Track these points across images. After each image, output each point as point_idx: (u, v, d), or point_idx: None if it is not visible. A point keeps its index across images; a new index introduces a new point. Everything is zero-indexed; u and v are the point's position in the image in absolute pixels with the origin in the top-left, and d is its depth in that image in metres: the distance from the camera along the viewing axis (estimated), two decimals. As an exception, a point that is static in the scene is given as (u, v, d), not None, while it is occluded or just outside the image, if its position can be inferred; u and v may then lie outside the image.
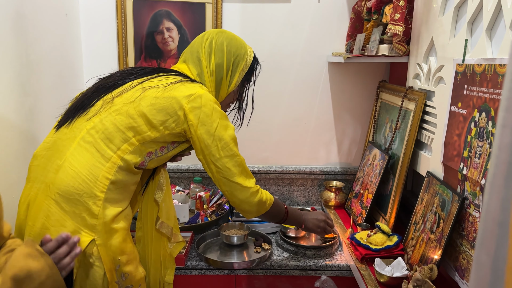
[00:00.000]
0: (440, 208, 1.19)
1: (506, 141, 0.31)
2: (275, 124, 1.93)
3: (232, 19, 1.80)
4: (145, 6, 1.77)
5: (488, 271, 0.34)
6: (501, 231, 0.32)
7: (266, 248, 1.52)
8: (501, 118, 0.32)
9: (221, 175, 1.16)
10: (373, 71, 1.88)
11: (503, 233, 0.32)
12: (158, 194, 1.27)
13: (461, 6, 1.22)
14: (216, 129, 1.12)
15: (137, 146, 1.09)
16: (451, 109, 1.20)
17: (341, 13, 1.82)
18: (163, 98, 1.09)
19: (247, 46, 1.29)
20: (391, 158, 1.54)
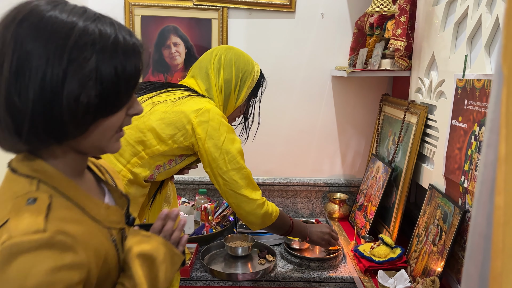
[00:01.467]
0: (442, 221, 1.20)
1: (490, 159, 0.33)
2: (279, 137, 1.95)
3: (238, 34, 1.84)
4: (153, 22, 1.82)
5: (476, 282, 0.36)
6: (487, 244, 0.34)
7: (270, 260, 1.53)
8: (486, 138, 0.35)
9: (228, 188, 1.19)
10: (376, 84, 1.90)
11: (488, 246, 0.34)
12: (165, 206, 1.30)
13: (460, 22, 1.25)
14: (224, 142, 1.15)
15: (146, 160, 1.12)
16: (452, 123, 1.22)
17: (344, 28, 1.86)
18: (172, 113, 1.13)
19: (254, 62, 1.33)
20: (394, 170, 1.55)
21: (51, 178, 0.64)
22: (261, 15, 1.83)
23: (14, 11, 0.59)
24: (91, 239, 0.64)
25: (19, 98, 0.57)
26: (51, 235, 0.57)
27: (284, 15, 1.84)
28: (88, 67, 0.58)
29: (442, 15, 1.33)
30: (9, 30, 0.57)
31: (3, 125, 0.59)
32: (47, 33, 0.57)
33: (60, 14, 0.58)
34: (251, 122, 1.41)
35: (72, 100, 0.58)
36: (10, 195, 0.61)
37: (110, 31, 0.61)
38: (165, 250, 0.75)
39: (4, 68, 0.56)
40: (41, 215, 0.58)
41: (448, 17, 1.33)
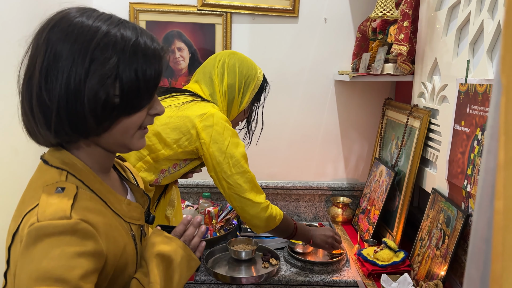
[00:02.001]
0: (445, 225, 1.20)
1: (491, 165, 0.34)
2: (283, 141, 1.96)
3: (241, 39, 1.86)
4: (157, 27, 1.84)
5: (477, 285, 0.37)
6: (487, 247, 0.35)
7: (274, 264, 1.53)
8: (486, 144, 0.36)
9: (232, 191, 1.20)
10: (379, 89, 1.91)
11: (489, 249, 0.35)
12: (169, 210, 1.31)
13: (463, 27, 1.26)
14: (228, 146, 1.16)
15: (151, 164, 1.13)
16: (455, 127, 1.22)
17: (347, 32, 1.87)
18: (177, 117, 1.14)
19: (257, 67, 1.34)
20: (397, 174, 1.56)
21: (79, 172, 0.69)
22: (265, 20, 1.85)
23: (49, 19, 0.66)
24: (111, 230, 0.68)
25: (48, 95, 0.63)
26: (75, 222, 0.61)
27: (287, 20, 1.85)
28: (108, 66, 0.63)
29: (444, 20, 1.34)
30: (42, 35, 0.64)
31: (36, 120, 0.65)
32: (73, 36, 0.63)
33: (87, 19, 0.65)
34: (255, 126, 1.42)
35: (91, 96, 0.63)
36: (40, 183, 0.66)
37: (131, 35, 0.66)
38: (183, 254, 0.79)
39: (36, 68, 0.63)
40: (68, 203, 0.63)
41: (450, 22, 1.34)
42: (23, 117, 0.68)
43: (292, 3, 1.82)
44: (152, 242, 0.77)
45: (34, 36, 0.66)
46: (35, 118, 0.65)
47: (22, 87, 0.66)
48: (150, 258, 0.75)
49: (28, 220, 0.62)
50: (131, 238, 0.74)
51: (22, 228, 0.62)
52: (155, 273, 0.73)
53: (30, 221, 0.61)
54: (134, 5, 1.81)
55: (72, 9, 0.67)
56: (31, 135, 0.69)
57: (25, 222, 0.62)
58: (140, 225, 0.78)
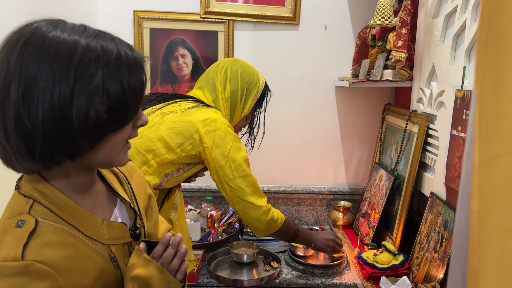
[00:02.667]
0: (443, 228, 1.23)
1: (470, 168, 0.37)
2: (284, 145, 1.99)
3: (243, 46, 1.90)
4: (161, 34, 1.88)
5: (460, 279, 0.40)
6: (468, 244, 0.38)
7: (275, 267, 1.56)
8: (466, 148, 0.39)
9: (234, 195, 1.23)
10: (379, 94, 1.94)
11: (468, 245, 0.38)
12: (173, 213, 1.34)
13: (459, 35, 1.29)
14: (230, 151, 1.20)
15: (155, 168, 1.16)
16: (452, 132, 1.25)
17: (347, 39, 1.90)
18: (181, 122, 1.18)
19: (259, 74, 1.38)
20: (396, 179, 1.58)
21: (48, 198, 0.65)
22: (266, 28, 1.89)
23: (16, 34, 0.61)
24: (78, 262, 0.66)
25: (28, 119, 0.58)
26: (27, 264, 0.59)
27: (288, 27, 1.89)
28: (94, 83, 0.59)
29: (441, 27, 1.37)
30: (13, 53, 0.59)
31: (14, 148, 0.60)
32: (51, 54, 0.58)
33: (61, 33, 0.60)
34: (256, 131, 1.45)
35: (82, 116, 0.59)
36: (8, 214, 0.65)
37: (112, 46, 0.62)
38: (160, 277, 0.75)
39: (11, 91, 0.57)
40: (21, 242, 0.61)
41: (447, 30, 1.37)
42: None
43: (293, 11, 1.86)
44: (130, 264, 0.74)
45: (1, 56, 0.60)
46: (13, 146, 0.59)
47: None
48: (126, 281, 0.73)
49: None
50: (110, 262, 0.71)
51: None
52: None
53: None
54: (138, 13, 1.85)
55: (41, 23, 0.61)
56: (7, 163, 0.63)
57: None
58: (125, 243, 0.75)
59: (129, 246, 0.77)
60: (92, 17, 1.83)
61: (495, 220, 0.33)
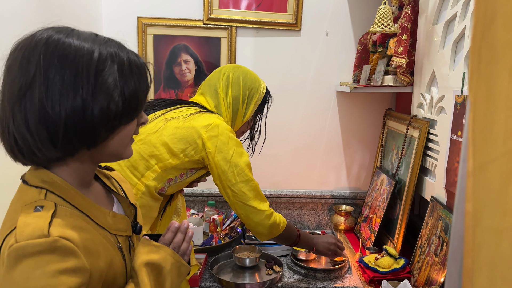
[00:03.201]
0: (443, 232, 1.24)
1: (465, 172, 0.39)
2: (286, 150, 2.01)
3: (245, 52, 1.92)
4: (165, 41, 1.90)
5: (456, 280, 0.41)
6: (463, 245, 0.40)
7: (277, 271, 1.57)
8: (462, 154, 0.40)
9: (237, 199, 1.24)
10: (380, 99, 1.96)
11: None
12: (175, 218, 1.36)
13: (459, 41, 1.31)
14: (232, 156, 1.21)
15: (159, 173, 1.18)
16: (452, 137, 1.26)
17: (348, 45, 1.92)
18: (184, 128, 1.19)
19: (260, 80, 1.40)
20: (397, 183, 1.60)
21: (59, 188, 0.69)
22: (268, 34, 1.91)
23: (33, 37, 0.66)
24: (94, 245, 0.68)
25: (52, 111, 0.64)
26: (54, 239, 0.61)
27: (290, 33, 1.91)
28: (112, 81, 0.67)
29: (441, 34, 1.39)
30: (34, 54, 0.64)
31: (36, 137, 0.65)
32: (71, 55, 0.65)
33: (77, 39, 0.67)
34: (258, 136, 1.47)
35: (103, 108, 0.66)
36: (20, 204, 0.67)
37: (122, 53, 0.70)
38: (172, 261, 0.79)
39: (35, 87, 0.64)
40: (45, 221, 0.63)
41: (447, 36, 1.39)
42: (11, 137, 0.66)
43: (294, 17, 1.88)
44: (140, 252, 0.78)
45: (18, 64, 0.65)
46: (35, 135, 0.65)
47: (10, 107, 0.65)
48: (139, 268, 0.76)
49: (8, 242, 0.62)
50: (118, 251, 0.74)
51: (3, 250, 0.62)
52: (145, 283, 0.74)
53: (10, 242, 0.61)
54: (142, 20, 1.88)
55: (51, 32, 0.67)
56: (21, 153, 0.68)
57: (5, 244, 0.62)
58: (127, 236, 0.79)
59: (130, 240, 0.80)
60: (97, 23, 1.86)
61: (489, 222, 0.34)
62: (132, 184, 1.14)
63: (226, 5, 1.88)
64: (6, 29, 1.15)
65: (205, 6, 1.86)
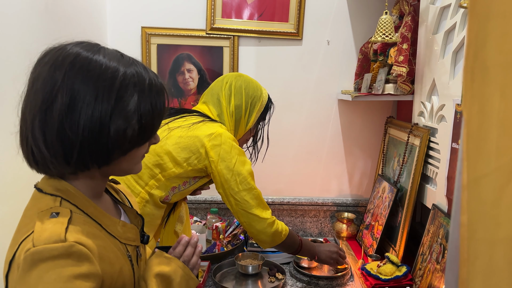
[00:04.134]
0: (444, 239, 1.25)
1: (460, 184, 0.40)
2: (288, 158, 2.02)
3: (248, 61, 1.94)
4: (168, 50, 1.93)
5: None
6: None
7: (279, 278, 1.58)
8: (458, 166, 0.42)
9: (239, 207, 1.26)
10: (381, 107, 1.98)
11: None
12: (179, 226, 1.37)
13: (458, 50, 1.33)
14: (235, 164, 1.23)
15: (163, 182, 1.20)
16: (452, 145, 1.28)
17: (349, 54, 1.94)
18: (187, 137, 1.21)
19: (262, 88, 1.41)
20: (399, 191, 1.61)
21: (73, 197, 0.71)
22: (270, 43, 1.93)
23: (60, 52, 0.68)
24: (106, 252, 0.70)
25: (70, 130, 0.65)
26: (70, 244, 0.63)
27: (291, 43, 1.93)
28: (132, 104, 0.69)
29: (441, 43, 1.41)
30: (61, 70, 0.66)
31: (52, 153, 0.67)
32: (95, 74, 0.67)
33: (103, 58, 0.69)
34: (261, 144, 1.49)
35: (119, 132, 0.68)
36: (35, 211, 0.68)
37: (144, 74, 0.72)
38: (182, 274, 0.82)
39: (57, 103, 0.65)
40: (62, 227, 0.65)
41: (447, 45, 1.41)
42: (30, 147, 0.68)
43: (296, 27, 1.91)
44: (152, 263, 0.81)
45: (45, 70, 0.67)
46: (51, 152, 0.66)
47: (30, 119, 0.66)
48: (150, 278, 0.78)
49: (24, 246, 0.63)
50: (128, 259, 0.76)
51: (19, 255, 0.63)
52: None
53: (26, 247, 0.62)
54: (146, 30, 1.91)
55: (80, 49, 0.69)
56: (36, 164, 0.70)
57: (21, 248, 0.63)
58: (136, 246, 0.81)
59: (138, 250, 0.82)
60: (101, 33, 1.88)
61: (482, 234, 0.36)
62: (136, 192, 1.16)
63: (228, 15, 1.90)
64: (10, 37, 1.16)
65: (208, 16, 1.89)
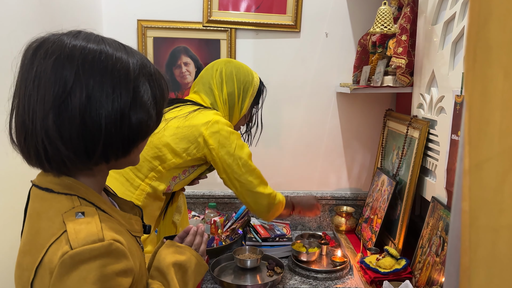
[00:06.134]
0: (444, 232, 1.24)
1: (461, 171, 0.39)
2: (287, 151, 2.01)
3: (245, 53, 1.92)
4: (164, 43, 1.91)
5: (454, 279, 0.41)
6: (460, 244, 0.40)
7: (278, 272, 1.57)
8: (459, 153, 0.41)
9: (244, 188, 1.29)
10: (380, 100, 1.96)
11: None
12: (177, 216, 1.37)
13: (458, 41, 1.31)
14: (235, 149, 1.25)
15: (163, 173, 1.19)
16: (452, 137, 1.27)
17: (348, 46, 1.93)
18: (184, 127, 1.21)
19: (253, 72, 1.41)
20: (398, 183, 1.60)
21: (86, 194, 0.69)
22: (268, 35, 1.91)
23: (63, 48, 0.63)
24: (132, 247, 0.70)
25: (92, 124, 0.63)
26: (109, 243, 0.63)
27: (289, 35, 1.91)
28: (146, 93, 0.68)
29: (440, 34, 1.39)
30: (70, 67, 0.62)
31: (70, 148, 0.63)
32: (109, 67, 0.64)
33: (110, 49, 0.66)
34: (256, 129, 1.50)
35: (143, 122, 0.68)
36: (54, 212, 0.65)
37: (147, 62, 0.71)
38: (196, 261, 0.87)
39: (75, 99, 0.62)
40: (97, 226, 0.64)
41: (446, 36, 1.39)
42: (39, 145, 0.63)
43: (294, 19, 1.88)
44: (165, 252, 0.84)
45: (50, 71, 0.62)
46: (69, 147, 0.63)
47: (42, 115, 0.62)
48: (168, 268, 0.81)
49: (57, 249, 0.61)
50: (141, 251, 0.77)
51: (50, 259, 0.61)
52: (175, 282, 0.80)
53: (62, 250, 0.60)
54: (142, 22, 1.89)
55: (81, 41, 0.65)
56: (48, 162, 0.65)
57: (53, 253, 0.61)
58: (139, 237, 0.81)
59: (138, 240, 0.82)
60: (97, 26, 1.86)
61: (485, 221, 0.34)
62: (136, 185, 1.15)
63: (225, 7, 1.88)
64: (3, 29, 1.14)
65: (205, 8, 1.87)
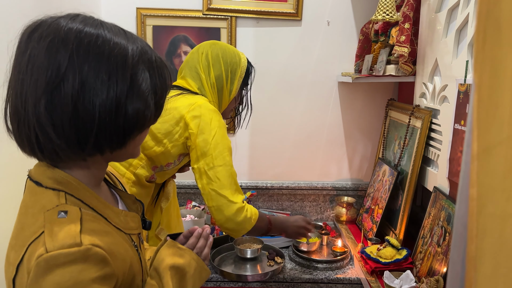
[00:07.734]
0: (446, 222, 1.23)
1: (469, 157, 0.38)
2: (287, 141, 2.00)
3: (246, 42, 1.90)
4: (164, 32, 1.89)
5: (460, 267, 0.40)
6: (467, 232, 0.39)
7: (278, 262, 1.57)
8: (466, 138, 0.39)
9: (210, 187, 1.17)
10: (382, 89, 1.94)
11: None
12: (164, 202, 1.35)
13: (462, 29, 1.29)
14: (214, 137, 1.18)
15: (146, 161, 1.17)
16: (455, 126, 1.25)
17: (350, 35, 1.90)
18: (165, 110, 1.17)
19: (240, 53, 1.36)
20: (400, 174, 1.58)
21: (76, 190, 0.66)
22: (269, 24, 1.89)
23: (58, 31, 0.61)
24: (117, 248, 0.66)
25: (85, 113, 0.60)
26: (87, 248, 0.59)
27: (290, 23, 1.89)
28: (145, 82, 0.65)
29: (444, 21, 1.37)
30: (64, 50, 0.60)
31: (62, 138, 0.61)
32: (106, 53, 0.61)
33: (108, 33, 0.63)
34: (246, 111, 1.45)
35: (140, 113, 0.65)
36: (39, 208, 0.63)
37: (149, 49, 0.68)
38: (196, 266, 0.82)
39: (68, 85, 0.59)
40: (76, 229, 0.60)
41: (450, 24, 1.37)
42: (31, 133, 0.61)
43: (295, 7, 1.86)
44: (165, 253, 0.80)
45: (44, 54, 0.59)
46: (61, 136, 0.60)
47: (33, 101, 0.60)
48: (164, 270, 0.77)
49: (34, 250, 0.58)
50: (135, 250, 0.73)
51: (28, 259, 0.59)
52: (169, 286, 0.76)
53: (38, 251, 0.58)
54: (141, 10, 1.86)
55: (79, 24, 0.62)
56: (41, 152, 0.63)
57: (31, 252, 0.59)
58: (138, 233, 0.78)
59: (140, 236, 0.79)
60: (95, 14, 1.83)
61: (493, 208, 0.33)
62: (121, 173, 1.14)
63: (226, -5, 1.85)
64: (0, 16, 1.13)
65: (205, -4, 1.84)
